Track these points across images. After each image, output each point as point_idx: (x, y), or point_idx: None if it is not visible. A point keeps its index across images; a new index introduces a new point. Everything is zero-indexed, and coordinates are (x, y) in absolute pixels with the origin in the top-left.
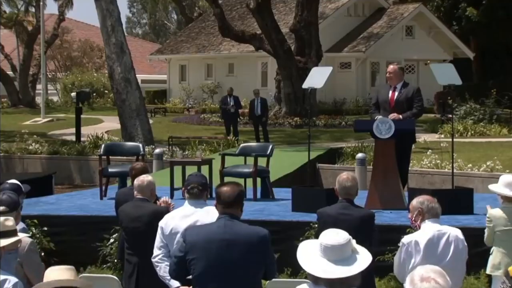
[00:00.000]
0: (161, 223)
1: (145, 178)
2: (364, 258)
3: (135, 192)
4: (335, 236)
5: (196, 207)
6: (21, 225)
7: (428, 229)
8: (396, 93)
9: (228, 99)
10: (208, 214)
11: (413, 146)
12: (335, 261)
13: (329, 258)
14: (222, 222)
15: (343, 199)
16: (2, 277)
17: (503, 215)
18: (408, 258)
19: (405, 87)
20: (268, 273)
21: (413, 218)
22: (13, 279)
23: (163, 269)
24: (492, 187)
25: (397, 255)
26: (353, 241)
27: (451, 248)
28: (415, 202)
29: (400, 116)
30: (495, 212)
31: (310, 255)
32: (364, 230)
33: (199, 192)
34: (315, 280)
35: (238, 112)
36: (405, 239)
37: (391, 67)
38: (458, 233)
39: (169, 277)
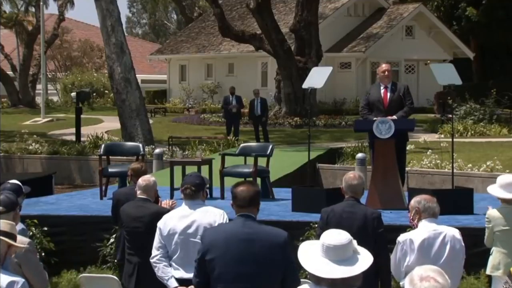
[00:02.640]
0: (160, 224)
1: (150, 178)
2: (365, 259)
3: (138, 192)
4: (337, 236)
5: (193, 207)
6: (20, 226)
7: (423, 229)
8: (389, 93)
9: (231, 99)
10: (206, 214)
11: (407, 145)
12: (337, 261)
13: (331, 258)
14: (240, 221)
15: (349, 197)
16: (10, 278)
17: (502, 215)
18: (403, 257)
19: (395, 85)
20: (287, 280)
21: (411, 217)
22: (20, 280)
23: (161, 269)
24: (490, 189)
25: (393, 254)
26: (354, 242)
27: (446, 248)
28: (413, 201)
29: (395, 117)
30: (494, 213)
31: (312, 255)
32: (368, 229)
33: (192, 192)
34: (317, 280)
35: (240, 112)
36: (401, 237)
37: (385, 66)
38: (456, 233)
39: (167, 277)
